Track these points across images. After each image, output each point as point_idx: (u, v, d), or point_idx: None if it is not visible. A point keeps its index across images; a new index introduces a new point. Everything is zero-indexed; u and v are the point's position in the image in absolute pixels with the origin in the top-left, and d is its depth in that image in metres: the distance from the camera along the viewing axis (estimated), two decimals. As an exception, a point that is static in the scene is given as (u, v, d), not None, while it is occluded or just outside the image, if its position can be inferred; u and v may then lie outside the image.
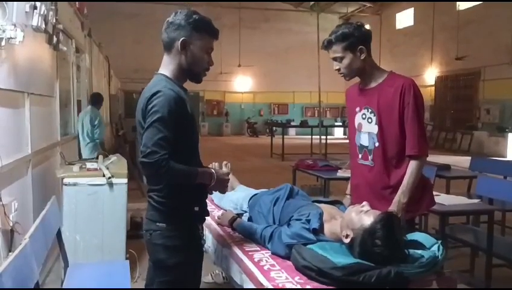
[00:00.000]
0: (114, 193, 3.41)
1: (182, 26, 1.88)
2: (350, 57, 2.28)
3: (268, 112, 25.21)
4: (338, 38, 2.27)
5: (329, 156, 11.57)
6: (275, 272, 1.89)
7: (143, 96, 1.86)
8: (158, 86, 1.82)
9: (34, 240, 2.13)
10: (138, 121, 1.88)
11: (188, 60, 1.91)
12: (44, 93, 3.67)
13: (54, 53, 3.95)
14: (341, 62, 2.31)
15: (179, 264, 1.88)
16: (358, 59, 2.28)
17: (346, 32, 2.26)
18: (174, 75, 1.92)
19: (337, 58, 2.31)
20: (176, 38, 1.89)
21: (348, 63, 2.29)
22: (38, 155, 3.36)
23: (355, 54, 2.27)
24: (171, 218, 1.87)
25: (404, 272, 1.71)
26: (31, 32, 2.90)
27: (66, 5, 4.54)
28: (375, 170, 2.35)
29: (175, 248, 1.87)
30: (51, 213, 2.63)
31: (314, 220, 2.09)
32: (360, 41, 2.27)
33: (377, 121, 2.32)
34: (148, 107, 1.78)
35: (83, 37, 6.15)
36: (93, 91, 7.17)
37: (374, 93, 2.33)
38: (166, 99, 1.76)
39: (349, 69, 2.32)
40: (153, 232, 1.88)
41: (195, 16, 1.89)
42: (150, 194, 1.91)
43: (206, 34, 1.92)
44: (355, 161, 2.49)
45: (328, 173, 5.50)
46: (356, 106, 2.44)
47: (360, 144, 2.42)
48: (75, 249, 3.28)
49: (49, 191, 3.46)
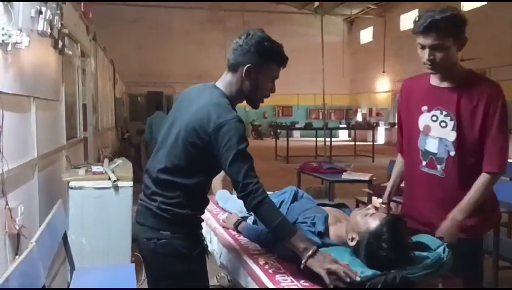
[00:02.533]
0: (119, 196, 3.42)
1: (251, 52, 1.83)
2: (452, 48, 1.93)
3: (272, 114, 25.22)
4: (448, 22, 1.88)
5: (334, 159, 11.55)
6: (280, 275, 1.89)
7: (208, 114, 1.76)
8: (228, 113, 1.77)
9: (41, 244, 2.15)
10: (194, 132, 1.78)
11: (250, 87, 1.87)
12: (50, 98, 3.69)
13: (60, 57, 3.97)
14: (440, 52, 1.92)
15: (188, 273, 1.85)
16: (457, 51, 1.96)
17: (457, 16, 1.90)
18: (231, 96, 1.88)
19: (437, 46, 1.92)
20: (242, 63, 1.84)
21: (449, 53, 1.93)
22: (44, 159, 3.38)
23: (457, 44, 1.94)
24: (175, 225, 1.83)
25: (409, 276, 1.70)
26: (36, 37, 2.92)
27: (72, 9, 4.57)
28: (447, 182, 2.04)
29: (181, 255, 1.83)
30: (57, 217, 2.65)
31: (320, 223, 2.09)
32: (464, 31, 1.94)
33: (455, 127, 1.99)
34: (220, 140, 1.73)
35: (88, 41, 6.18)
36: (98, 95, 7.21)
37: (452, 94, 2.00)
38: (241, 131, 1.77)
39: (446, 61, 1.95)
40: (157, 241, 1.82)
41: (267, 44, 1.85)
42: (154, 197, 1.84)
43: (274, 63, 1.89)
44: (414, 168, 2.14)
45: (333, 175, 5.50)
46: (423, 104, 2.09)
47: (425, 149, 2.09)
48: (81, 253, 3.29)
49: (55, 195, 3.48)
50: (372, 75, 22.55)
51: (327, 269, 1.68)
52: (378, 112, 22.82)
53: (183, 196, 1.82)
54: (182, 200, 1.82)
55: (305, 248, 1.73)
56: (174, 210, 1.82)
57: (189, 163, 1.81)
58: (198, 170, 1.84)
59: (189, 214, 1.85)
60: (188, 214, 1.84)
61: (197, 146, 1.78)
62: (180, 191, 1.82)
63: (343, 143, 18.06)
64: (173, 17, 21.65)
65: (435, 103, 2.05)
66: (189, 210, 1.84)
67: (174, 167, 1.82)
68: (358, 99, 24.81)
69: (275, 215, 1.75)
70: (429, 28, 1.88)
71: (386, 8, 21.44)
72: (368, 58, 23.23)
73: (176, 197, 1.82)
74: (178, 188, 1.82)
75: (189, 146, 1.79)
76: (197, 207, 1.92)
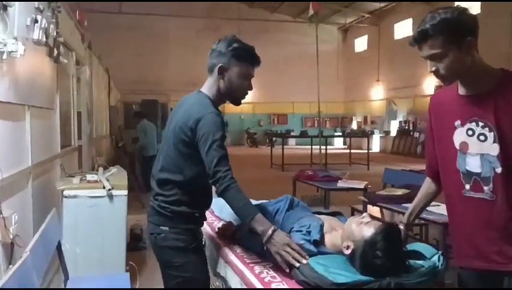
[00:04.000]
0: (114, 204, 3.41)
1: (222, 53, 2.05)
2: (455, 54, 1.65)
3: (268, 122, 25.27)
4: (437, 28, 1.64)
5: (329, 167, 11.58)
6: (276, 284, 1.88)
7: (189, 112, 2.00)
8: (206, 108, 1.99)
9: (35, 253, 2.13)
10: (180, 130, 2.00)
11: (226, 85, 2.08)
12: (44, 106, 3.69)
13: (55, 66, 3.97)
14: (441, 61, 1.68)
15: (184, 264, 2.06)
16: (466, 55, 1.66)
17: (448, 19, 1.64)
18: (213, 97, 2.09)
19: (435, 56, 1.68)
20: (215, 64, 2.06)
21: (452, 61, 1.66)
22: (38, 167, 3.36)
23: (461, 48, 1.64)
24: (172, 221, 2.05)
25: (404, 283, 1.70)
26: (31, 46, 2.92)
27: (67, 17, 4.58)
28: (498, 205, 1.70)
29: (178, 249, 2.05)
30: (51, 226, 2.63)
31: (315, 231, 2.09)
32: (468, 31, 1.65)
33: (497, 138, 1.68)
34: (198, 132, 1.94)
35: (83, 49, 6.18)
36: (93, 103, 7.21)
37: (486, 101, 1.70)
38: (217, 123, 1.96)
39: (452, 70, 1.69)
40: (157, 235, 2.07)
41: (235, 44, 2.04)
42: (156, 197, 2.09)
43: (245, 62, 2.07)
44: (456, 194, 1.82)
45: (329, 183, 5.50)
46: (455, 119, 1.78)
47: (467, 170, 1.76)
48: (75, 262, 3.27)
49: (49, 204, 3.46)
50: (366, 84, 22.67)
51: (279, 255, 1.84)
52: (373, 120, 22.91)
53: (179, 194, 2.03)
54: (178, 197, 2.04)
55: (262, 230, 1.88)
56: (171, 207, 2.04)
57: (180, 160, 2.03)
58: (189, 166, 2.03)
59: (186, 211, 2.05)
60: (184, 211, 2.05)
61: (185, 143, 2.00)
62: (177, 188, 2.04)
63: (338, 151, 18.08)
64: (169, 25, 21.72)
65: (468, 114, 1.74)
66: (186, 207, 2.04)
67: (169, 166, 2.05)
68: (353, 107, 24.92)
69: (239, 199, 1.92)
70: (420, 39, 1.70)
71: (380, 16, 21.62)
72: (362, 66, 23.37)
73: (173, 195, 2.04)
74: (174, 186, 2.04)
75: (178, 144, 2.02)
76: (195, 205, 2.09)
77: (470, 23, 1.66)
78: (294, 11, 22.36)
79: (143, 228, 5.13)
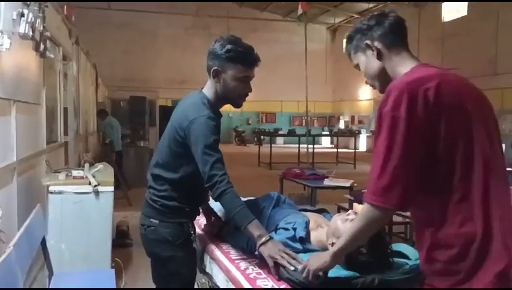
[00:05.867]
0: (100, 201, 3.39)
1: (217, 56, 2.00)
2: (363, 60, 1.63)
3: (256, 120, 25.28)
4: (349, 39, 1.66)
5: (316, 165, 11.62)
6: (261, 280, 1.90)
7: (185, 113, 2.00)
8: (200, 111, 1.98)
9: (18, 249, 2.11)
10: (174, 129, 2.02)
11: (221, 87, 2.05)
12: (30, 101, 3.65)
13: (41, 60, 3.93)
14: (361, 70, 1.67)
15: (171, 257, 2.08)
16: (373, 59, 1.58)
17: (351, 32, 1.65)
18: (212, 98, 2.08)
19: (357, 68, 1.69)
20: (211, 67, 2.02)
21: (363, 69, 1.64)
22: (23, 163, 3.33)
23: (365, 53, 1.61)
24: (163, 215, 2.07)
25: (388, 279, 1.73)
26: (17, 40, 2.89)
27: (54, 12, 4.53)
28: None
29: (166, 242, 2.07)
30: (35, 221, 2.61)
31: (301, 228, 2.10)
32: (368, 36, 1.58)
33: None
34: (190, 135, 1.95)
35: (71, 44, 6.12)
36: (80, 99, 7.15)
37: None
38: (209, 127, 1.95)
39: (366, 76, 1.66)
40: (147, 228, 2.11)
41: (229, 46, 1.98)
42: (149, 191, 2.12)
43: (240, 64, 2.00)
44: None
45: (315, 181, 5.55)
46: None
47: None
48: (60, 258, 3.24)
49: (35, 199, 3.42)
50: (354, 83, 22.78)
51: (274, 259, 1.83)
52: (360, 119, 23.05)
53: (170, 190, 2.06)
54: (169, 193, 2.06)
55: (259, 235, 1.89)
56: (162, 201, 2.07)
57: (173, 159, 2.05)
58: (181, 165, 2.05)
59: (176, 206, 2.07)
60: (175, 206, 2.07)
61: (178, 143, 2.01)
62: (168, 185, 2.06)
63: (325, 150, 18.19)
64: (158, 22, 21.60)
65: None
66: (176, 202, 2.06)
67: (162, 163, 2.08)
68: (341, 107, 25.04)
69: (236, 203, 1.92)
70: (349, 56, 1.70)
71: (368, 17, 21.72)
72: (350, 66, 22.60)
73: (164, 190, 2.07)
74: (166, 182, 2.07)
75: (172, 143, 2.04)
76: (186, 200, 2.10)
77: (375, 26, 1.57)
78: (284, 10, 22.38)
79: (129, 225, 5.11)
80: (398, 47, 1.56)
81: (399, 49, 1.56)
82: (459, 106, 1.39)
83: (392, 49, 1.55)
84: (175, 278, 2.11)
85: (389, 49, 1.55)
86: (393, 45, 1.56)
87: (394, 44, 1.56)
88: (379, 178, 1.37)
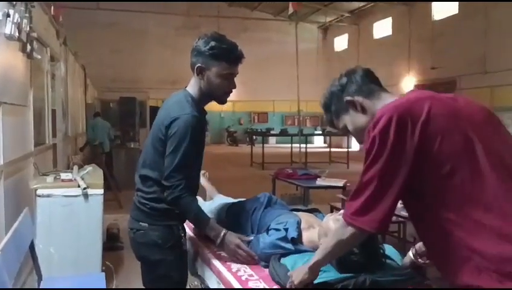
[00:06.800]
0: (89, 204, 3.35)
1: (200, 53, 1.99)
2: (348, 120, 1.59)
3: (248, 120, 25.26)
4: (325, 111, 1.68)
5: (309, 165, 11.64)
6: (253, 282, 1.88)
7: (169, 111, 1.99)
8: (183, 109, 1.96)
9: (6, 253, 2.07)
10: (158, 128, 2.01)
11: (205, 84, 2.03)
12: (17, 103, 3.59)
13: (28, 61, 3.88)
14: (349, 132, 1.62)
15: (161, 261, 2.05)
16: (358, 114, 1.55)
17: (326, 100, 1.66)
18: (197, 96, 2.06)
19: (344, 130, 1.64)
20: (195, 64, 2.01)
21: (351, 128, 1.59)
22: (10, 166, 3.27)
23: (348, 113, 1.58)
24: (152, 218, 2.04)
25: (379, 280, 1.71)
26: (3, 40, 2.84)
27: (41, 12, 4.47)
28: None
29: (156, 245, 2.03)
30: (23, 225, 2.56)
31: (292, 229, 2.08)
32: (345, 94, 1.57)
33: None
34: (170, 132, 1.94)
35: (58, 45, 6.06)
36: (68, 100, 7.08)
37: None
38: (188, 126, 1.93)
39: (358, 134, 1.59)
40: (136, 231, 2.07)
41: (213, 43, 1.97)
42: (137, 193, 2.10)
43: (224, 61, 1.99)
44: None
45: (308, 181, 5.53)
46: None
47: None
48: (49, 262, 3.20)
49: (22, 203, 3.37)
50: (346, 83, 22.85)
51: (230, 260, 2.04)
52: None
53: (159, 191, 2.01)
54: (157, 195, 2.02)
55: (215, 235, 2.05)
56: (150, 204, 2.03)
57: (158, 158, 2.01)
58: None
59: (164, 208, 2.02)
60: (163, 209, 2.02)
61: (161, 141, 1.99)
62: (156, 186, 2.02)
63: (318, 150, 18.19)
64: (148, 22, 21.49)
65: None
66: (164, 204, 2.01)
67: (149, 163, 2.05)
68: (333, 106, 25.08)
69: (190, 209, 2.01)
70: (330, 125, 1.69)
71: (360, 16, 21.81)
72: (342, 65, 23.13)
73: (152, 192, 2.03)
74: (154, 183, 2.03)
75: (156, 143, 2.01)
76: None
77: (347, 85, 1.57)
78: (275, 9, 22.38)
79: (120, 227, 5.06)
80: (376, 92, 1.55)
81: (378, 94, 1.55)
82: (454, 125, 1.33)
83: (373, 98, 1.54)
84: (165, 282, 2.07)
85: (370, 98, 1.54)
86: (371, 93, 1.54)
87: (372, 92, 1.55)
88: (359, 197, 1.36)
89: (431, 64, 16.01)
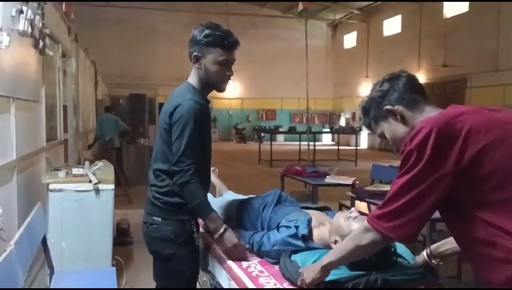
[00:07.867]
0: (100, 199, 3.37)
1: (196, 42, 2.03)
2: (386, 128, 1.55)
3: (256, 118, 25.23)
4: (363, 114, 1.64)
5: (317, 163, 11.60)
6: (264, 278, 1.89)
7: (172, 101, 2.03)
8: (184, 96, 2.01)
9: (19, 247, 2.10)
10: (163, 119, 2.04)
11: (202, 73, 2.06)
12: (30, 99, 3.63)
13: (40, 58, 3.91)
14: (386, 138, 1.58)
15: (173, 256, 2.06)
16: (397, 124, 1.51)
17: (365, 104, 1.61)
18: (197, 85, 2.09)
19: (381, 136, 1.60)
20: (191, 53, 2.05)
21: (389, 136, 1.55)
22: (23, 161, 3.31)
23: (387, 120, 1.53)
24: (165, 213, 2.06)
25: (390, 279, 1.71)
26: (17, 37, 2.87)
27: (53, 9, 4.51)
28: None
29: (168, 240, 2.05)
30: (36, 220, 2.59)
31: (303, 226, 2.09)
32: (385, 102, 1.51)
33: None
34: (173, 118, 1.97)
35: (70, 41, 6.10)
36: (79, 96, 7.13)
37: None
38: (191, 110, 1.95)
39: (396, 143, 1.53)
40: (149, 225, 2.09)
41: (207, 31, 2.00)
42: (151, 188, 2.11)
43: (219, 48, 2.01)
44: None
45: (317, 179, 5.50)
46: None
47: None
48: (61, 256, 3.23)
49: (35, 198, 3.41)
50: (355, 80, 22.75)
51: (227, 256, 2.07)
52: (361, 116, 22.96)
53: (171, 184, 2.03)
54: (171, 188, 2.03)
55: (214, 228, 2.06)
56: (164, 198, 2.05)
57: (166, 148, 2.03)
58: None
59: (178, 202, 2.03)
60: (177, 203, 2.04)
61: (166, 131, 2.02)
62: (169, 179, 2.03)
63: (326, 147, 18.14)
64: (157, 19, 21.53)
65: None
66: (178, 198, 2.03)
67: (160, 156, 2.07)
68: (342, 104, 25.00)
69: (196, 195, 1.99)
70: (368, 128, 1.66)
71: (369, 13, 21.68)
72: (351, 62, 23.44)
73: (166, 186, 2.04)
74: (166, 176, 2.04)
75: (163, 134, 2.04)
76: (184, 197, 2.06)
77: (390, 91, 1.51)
78: (284, 7, 22.28)
79: (130, 223, 5.10)
80: (419, 104, 1.49)
81: (422, 106, 1.49)
82: (499, 139, 1.29)
83: (415, 109, 1.48)
84: (177, 276, 2.10)
85: (412, 110, 1.48)
86: (414, 104, 1.49)
87: (415, 102, 1.49)
88: (388, 206, 1.35)
89: (441, 62, 15.87)
